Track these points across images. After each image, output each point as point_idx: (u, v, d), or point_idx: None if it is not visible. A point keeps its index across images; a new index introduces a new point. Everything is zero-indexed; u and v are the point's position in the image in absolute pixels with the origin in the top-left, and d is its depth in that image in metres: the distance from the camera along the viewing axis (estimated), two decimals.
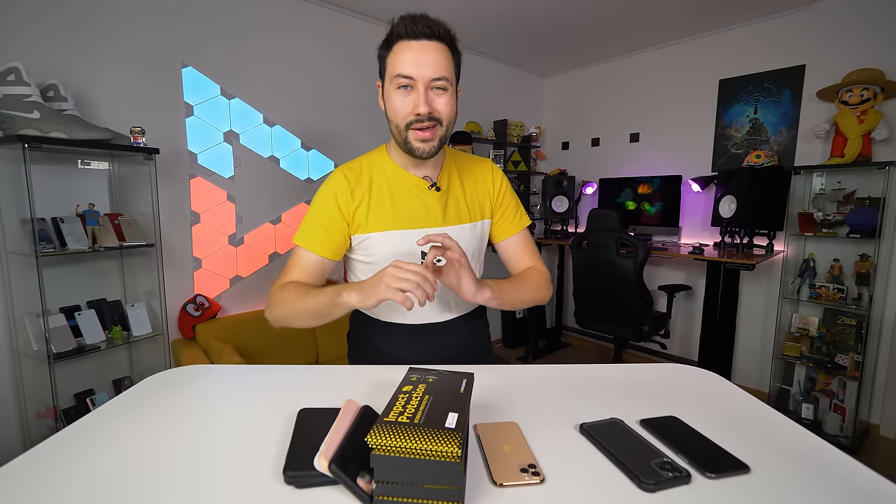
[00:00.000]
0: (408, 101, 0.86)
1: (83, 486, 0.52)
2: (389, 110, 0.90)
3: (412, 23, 0.84)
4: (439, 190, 0.98)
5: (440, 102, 0.87)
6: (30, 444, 1.91)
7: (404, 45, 0.85)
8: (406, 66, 0.84)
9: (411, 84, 0.85)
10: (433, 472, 0.47)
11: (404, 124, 0.88)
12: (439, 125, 0.89)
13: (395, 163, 0.98)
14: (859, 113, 2.40)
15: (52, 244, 1.76)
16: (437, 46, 0.85)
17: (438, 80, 0.85)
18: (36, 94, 1.70)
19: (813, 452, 0.61)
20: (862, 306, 2.47)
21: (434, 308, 1.00)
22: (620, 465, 0.56)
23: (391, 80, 0.87)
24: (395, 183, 0.97)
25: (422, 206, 0.97)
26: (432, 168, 0.99)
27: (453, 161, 1.04)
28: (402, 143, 0.90)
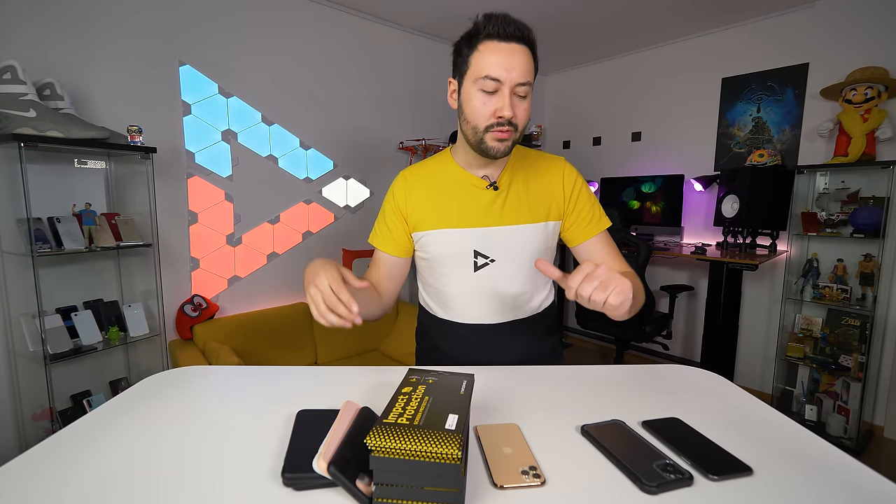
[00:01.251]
0: (490, 103, 0.85)
1: (80, 488, 0.51)
2: (469, 110, 0.88)
3: (504, 24, 0.82)
4: (497, 189, 0.97)
5: (521, 108, 0.87)
6: (26, 446, 1.90)
7: (493, 45, 0.83)
8: (495, 68, 0.82)
9: (497, 87, 0.84)
10: (433, 474, 0.46)
11: (484, 126, 0.86)
12: (515, 130, 0.88)
13: (457, 163, 0.99)
14: (863, 112, 2.38)
15: (49, 244, 1.75)
16: (524, 50, 0.84)
17: (523, 86, 0.85)
18: (32, 92, 1.69)
19: (816, 454, 0.60)
20: (866, 307, 2.45)
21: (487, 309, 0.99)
22: (622, 467, 0.55)
23: (476, 80, 0.85)
24: (453, 182, 0.98)
25: (476, 205, 0.96)
26: (494, 167, 0.98)
27: (520, 160, 1.01)
28: (476, 143, 0.89)
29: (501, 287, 0.98)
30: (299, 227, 2.70)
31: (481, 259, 0.96)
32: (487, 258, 0.96)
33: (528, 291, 1.01)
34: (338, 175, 2.84)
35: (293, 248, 2.69)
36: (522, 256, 0.97)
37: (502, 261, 0.97)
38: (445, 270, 0.99)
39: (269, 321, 2.45)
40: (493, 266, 0.97)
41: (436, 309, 1.04)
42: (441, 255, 0.98)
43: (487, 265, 0.97)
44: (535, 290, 1.02)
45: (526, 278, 0.99)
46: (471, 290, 0.98)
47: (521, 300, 1.00)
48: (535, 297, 1.03)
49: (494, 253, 0.96)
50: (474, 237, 0.96)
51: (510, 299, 0.99)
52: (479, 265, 0.97)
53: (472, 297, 0.98)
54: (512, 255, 0.97)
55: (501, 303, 0.99)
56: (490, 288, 0.97)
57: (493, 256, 0.96)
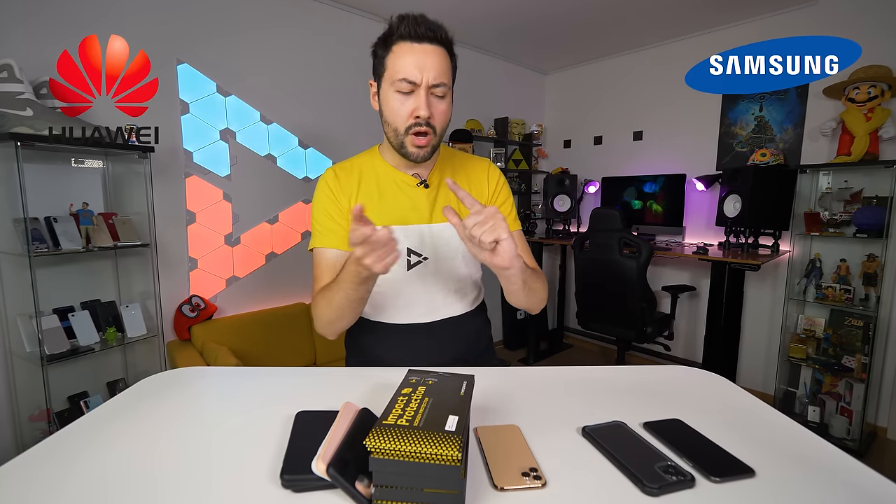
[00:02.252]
0: (407, 104, 0.85)
1: (77, 490, 0.51)
2: (388, 112, 0.88)
3: (415, 24, 0.82)
4: (428, 187, 0.97)
5: (439, 109, 0.86)
6: (22, 447, 1.88)
7: (406, 46, 0.83)
8: (408, 69, 0.82)
9: (412, 88, 0.84)
10: (433, 475, 0.46)
11: (404, 128, 0.87)
12: (433, 133, 0.87)
13: (386, 162, 0.98)
14: (866, 110, 2.38)
15: (46, 244, 1.75)
16: (438, 51, 0.84)
17: (439, 87, 0.85)
18: (29, 91, 1.68)
19: (819, 456, 0.60)
20: (869, 307, 2.44)
21: (420, 308, 0.98)
22: (623, 469, 0.55)
23: (392, 82, 0.85)
24: (384, 180, 0.97)
25: (410, 202, 0.96)
26: (424, 167, 0.98)
27: (448, 159, 1.03)
28: (397, 146, 0.90)
29: (434, 285, 0.97)
30: (298, 227, 2.69)
31: (414, 257, 0.95)
32: (420, 256, 0.96)
33: (461, 289, 1.01)
34: None
35: (292, 248, 2.68)
36: (455, 254, 0.98)
37: (435, 258, 0.96)
38: None
39: (268, 322, 2.44)
40: (427, 264, 0.96)
41: (367, 310, 0.99)
42: None
43: (420, 263, 0.96)
44: (466, 288, 1.03)
45: (458, 276, 1.00)
46: (403, 288, 0.96)
47: (452, 298, 1.00)
48: (467, 295, 1.03)
49: (427, 251, 0.96)
50: (407, 235, 0.94)
51: (442, 297, 0.99)
52: (412, 263, 0.95)
53: (405, 295, 0.97)
54: (444, 253, 0.97)
55: (434, 301, 0.98)
56: (423, 286, 0.97)
57: (426, 254, 0.96)
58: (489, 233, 0.70)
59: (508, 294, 0.90)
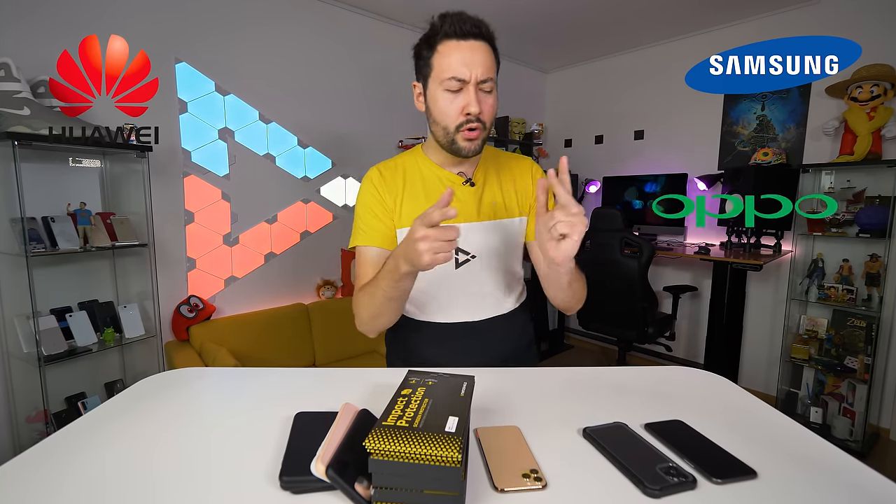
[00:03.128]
0: (457, 102, 0.86)
1: (75, 492, 0.51)
2: (437, 112, 0.89)
3: (460, 22, 0.83)
4: (473, 185, 0.97)
5: (487, 104, 0.87)
6: (20, 448, 1.87)
7: (452, 45, 0.84)
8: (457, 67, 0.83)
9: (461, 86, 0.85)
10: (433, 477, 0.46)
11: (454, 126, 0.87)
12: (483, 127, 0.88)
13: (430, 160, 0.99)
14: (869, 110, 2.37)
15: (43, 244, 1.74)
16: (483, 46, 0.85)
17: (486, 82, 0.85)
18: (26, 90, 1.68)
19: (821, 457, 0.60)
20: (872, 307, 2.43)
21: (466, 307, 0.97)
22: (624, 471, 0.55)
23: (441, 81, 0.86)
24: (429, 179, 0.97)
25: (456, 201, 0.96)
26: (469, 165, 0.98)
27: (492, 158, 1.03)
28: (447, 144, 0.90)
29: (482, 283, 0.97)
30: (297, 227, 2.68)
31: (462, 255, 0.95)
32: (469, 254, 0.96)
33: (506, 287, 1.01)
34: (336, 174, 2.81)
35: (291, 248, 2.67)
36: (501, 252, 0.98)
37: (483, 257, 0.96)
38: None
39: (267, 322, 2.43)
40: (473, 262, 0.96)
41: (411, 310, 1.00)
42: None
43: (469, 261, 0.96)
44: (512, 286, 1.03)
45: (505, 274, 1.00)
46: (452, 287, 0.96)
47: (499, 296, 1.00)
48: (512, 293, 1.03)
49: (475, 249, 0.96)
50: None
51: (490, 296, 0.99)
52: (460, 262, 0.96)
53: (453, 294, 0.97)
54: (492, 251, 0.97)
55: (482, 299, 0.98)
56: (471, 285, 0.97)
57: (474, 252, 0.96)
58: (568, 227, 0.71)
59: (549, 289, 0.93)
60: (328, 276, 2.83)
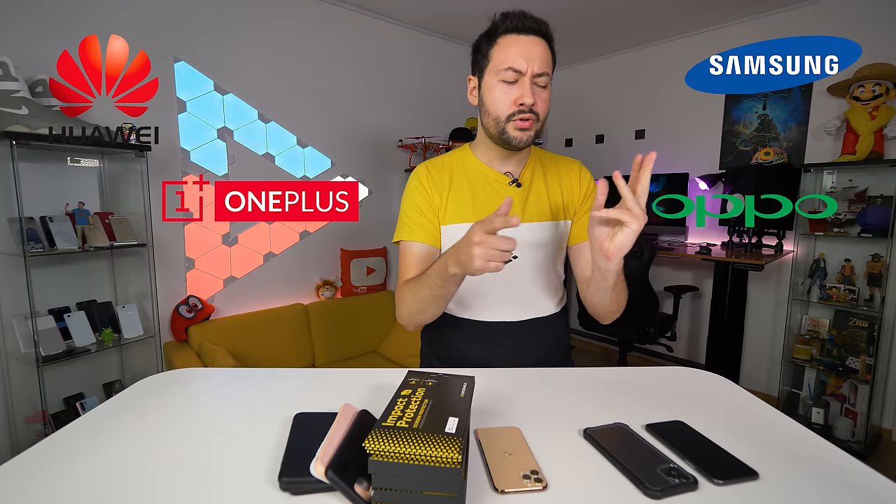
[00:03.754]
0: (511, 92, 0.87)
1: (73, 492, 0.50)
2: (490, 102, 0.90)
3: (522, 18, 0.87)
4: (520, 185, 0.98)
5: (541, 98, 0.89)
6: (17, 449, 1.86)
7: (513, 39, 0.87)
8: (515, 59, 0.86)
9: (517, 77, 0.87)
10: (433, 478, 0.46)
11: (506, 115, 0.89)
12: (536, 120, 0.90)
13: (478, 159, 1.00)
14: (871, 109, 2.35)
15: (41, 244, 1.74)
16: (543, 43, 0.88)
17: (542, 77, 0.87)
18: (24, 89, 1.68)
19: (823, 458, 0.59)
20: (874, 308, 2.42)
21: (506, 307, 0.97)
22: (625, 471, 0.55)
23: (497, 72, 0.88)
24: (475, 177, 0.98)
25: (500, 200, 0.95)
26: (515, 164, 0.99)
27: (538, 159, 1.03)
28: (497, 134, 0.91)
29: (524, 284, 0.98)
30: (296, 227, 2.67)
31: None
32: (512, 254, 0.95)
33: (547, 290, 1.01)
34: (336, 173, 2.80)
35: (290, 248, 2.66)
36: (544, 254, 0.98)
37: (526, 257, 0.96)
38: None
39: (266, 322, 2.43)
40: (516, 263, 0.95)
41: (451, 306, 1.00)
42: None
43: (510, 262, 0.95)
44: (554, 289, 1.03)
45: (547, 276, 1.00)
46: (494, 286, 0.97)
47: (541, 298, 1.00)
48: (554, 296, 1.03)
49: (518, 249, 0.94)
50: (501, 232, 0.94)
51: (531, 297, 0.99)
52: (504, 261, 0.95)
53: (495, 293, 0.97)
54: (535, 253, 0.97)
55: (523, 300, 0.99)
56: (513, 285, 0.97)
57: (516, 252, 0.95)
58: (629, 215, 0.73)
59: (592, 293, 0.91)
60: (327, 276, 2.82)
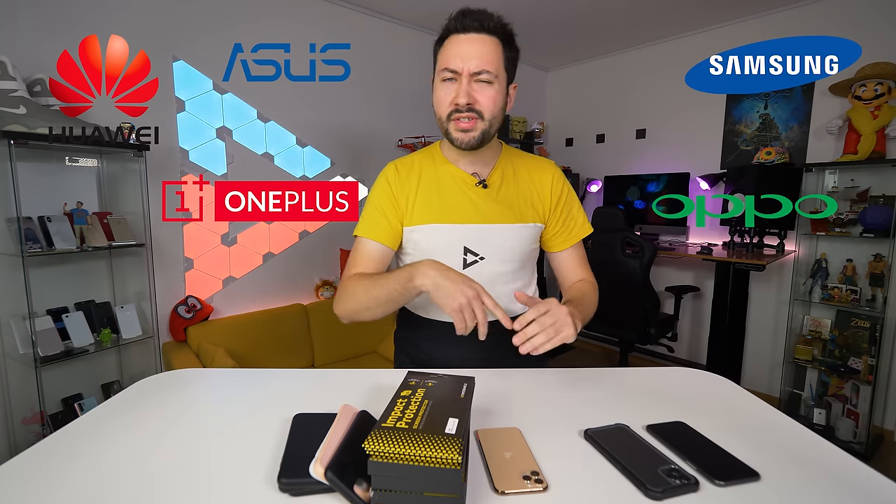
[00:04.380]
0: (449, 92, 0.88)
1: (71, 494, 0.51)
2: (434, 102, 0.92)
3: (462, 17, 0.86)
4: (486, 187, 0.97)
5: (482, 96, 0.87)
6: (15, 450, 1.86)
7: (454, 38, 0.87)
8: (451, 59, 0.86)
9: (455, 77, 0.87)
10: (433, 479, 0.46)
11: (445, 115, 0.89)
12: (480, 119, 0.88)
13: (445, 158, 1.00)
14: (873, 108, 2.35)
15: (39, 244, 1.73)
16: (485, 39, 0.86)
17: (481, 73, 0.86)
18: (22, 88, 1.67)
19: (825, 459, 0.60)
20: (876, 308, 2.41)
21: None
22: (626, 473, 0.55)
23: (438, 73, 0.90)
24: (443, 177, 0.98)
25: (468, 201, 0.96)
26: (483, 164, 0.98)
27: (510, 159, 1.02)
28: (444, 134, 0.93)
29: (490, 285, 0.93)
30: (296, 227, 2.67)
31: (471, 256, 0.95)
32: (477, 256, 0.96)
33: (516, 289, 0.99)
34: (335, 173, 2.80)
35: (289, 248, 2.65)
36: (512, 255, 0.98)
37: (492, 259, 0.96)
38: None
39: (265, 323, 2.42)
40: (483, 264, 0.96)
41: (419, 308, 1.01)
42: (430, 251, 0.95)
43: (477, 263, 0.96)
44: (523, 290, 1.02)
45: (514, 277, 1.00)
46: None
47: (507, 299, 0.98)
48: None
49: (484, 251, 0.96)
50: (465, 233, 0.95)
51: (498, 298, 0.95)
52: (468, 262, 0.96)
53: None
54: (502, 254, 0.97)
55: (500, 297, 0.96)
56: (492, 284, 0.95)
57: (482, 254, 0.95)
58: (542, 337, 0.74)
59: None
60: (327, 276, 2.81)
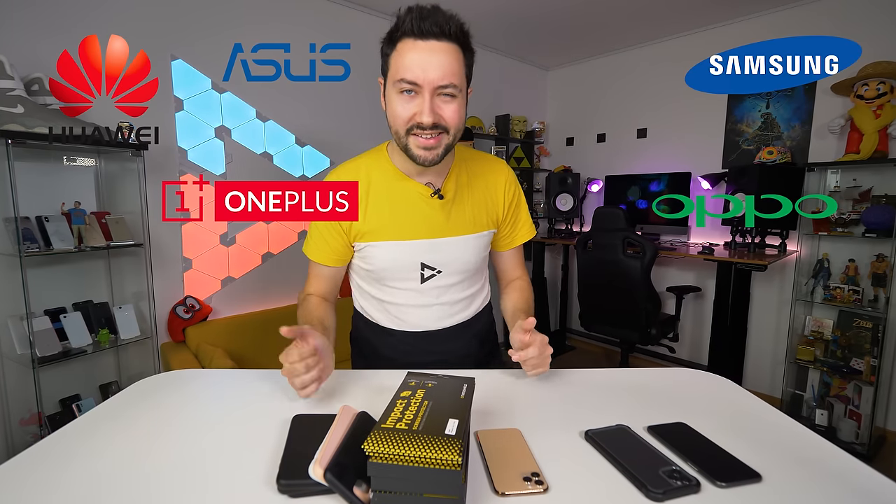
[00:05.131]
0: (410, 107, 0.79)
1: (69, 495, 0.51)
2: (390, 114, 0.83)
3: (420, 20, 0.75)
4: (442, 198, 0.92)
5: (448, 111, 0.80)
6: (13, 451, 1.85)
7: (410, 44, 0.76)
8: (411, 69, 0.76)
9: (415, 90, 0.78)
10: (432, 480, 0.46)
11: (404, 131, 0.81)
12: (445, 134, 0.81)
13: (395, 167, 0.92)
14: (875, 107, 2.35)
15: (37, 244, 1.72)
16: (447, 48, 0.77)
17: (446, 87, 0.77)
18: (20, 87, 1.67)
19: (827, 460, 0.60)
20: (878, 308, 2.41)
21: (433, 316, 0.98)
22: (627, 474, 0.55)
23: (394, 82, 0.79)
24: (394, 189, 0.91)
25: (422, 215, 0.92)
26: (436, 174, 0.92)
27: (463, 164, 0.96)
28: (402, 149, 0.84)
29: (447, 295, 0.97)
30: (295, 227, 2.66)
31: (428, 271, 0.95)
32: (434, 270, 0.95)
33: (472, 296, 1.02)
34: None
35: (288, 248, 2.64)
36: (467, 266, 0.97)
37: (449, 271, 0.96)
38: (390, 283, 0.96)
39: (264, 323, 2.41)
40: (440, 277, 0.96)
41: (377, 317, 1.01)
42: (386, 269, 0.94)
43: (434, 276, 0.95)
44: (476, 294, 1.04)
45: (469, 284, 1.00)
46: (416, 301, 0.96)
47: (462, 306, 1.01)
48: (476, 299, 1.04)
49: (441, 264, 0.95)
50: (422, 249, 0.93)
51: (453, 306, 0.99)
52: (425, 277, 0.95)
53: (418, 307, 0.97)
54: (458, 265, 0.96)
55: (446, 310, 0.99)
56: (436, 298, 0.97)
57: (439, 268, 0.95)
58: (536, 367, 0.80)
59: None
60: None
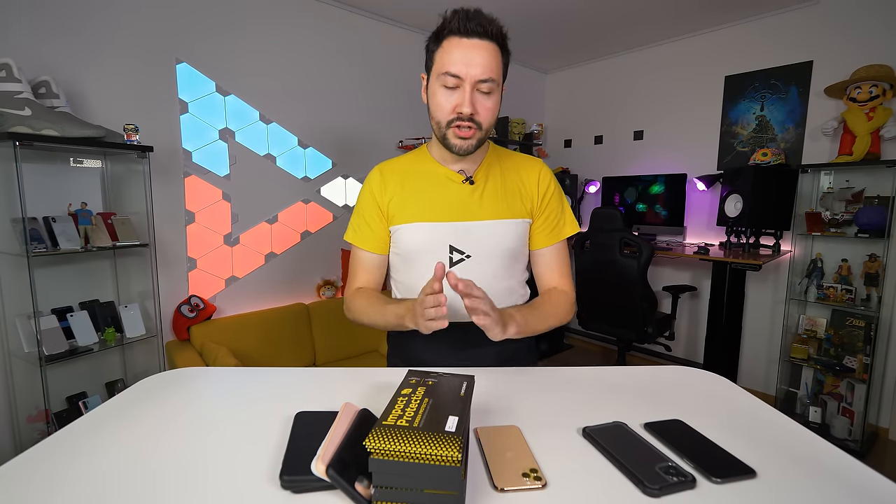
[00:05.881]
0: (452, 99, 0.86)
1: (75, 491, 0.51)
2: (433, 106, 0.90)
3: (466, 20, 0.83)
4: (472, 184, 0.96)
5: (484, 106, 0.87)
6: (20, 448, 1.87)
7: (455, 41, 0.84)
8: (455, 64, 0.83)
9: (458, 83, 0.85)
10: (433, 476, 0.46)
11: (445, 122, 0.88)
12: (479, 129, 0.88)
13: (433, 158, 0.99)
14: (868, 110, 2.36)
15: (44, 244, 1.74)
16: (488, 46, 0.84)
17: (485, 83, 0.85)
18: (27, 90, 1.67)
19: (820, 457, 0.60)
20: (870, 307, 2.43)
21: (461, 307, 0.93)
22: (624, 470, 0.55)
23: (438, 76, 0.86)
24: (429, 176, 0.98)
25: (454, 198, 0.95)
26: (470, 163, 0.97)
27: (497, 157, 1.01)
28: (440, 138, 0.91)
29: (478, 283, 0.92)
30: (298, 227, 2.68)
31: (457, 255, 0.94)
32: (463, 254, 0.94)
33: (506, 289, 0.98)
34: (336, 174, 2.81)
35: (291, 248, 2.67)
36: (499, 253, 0.95)
37: (478, 257, 0.94)
38: (419, 265, 0.96)
39: (267, 322, 2.43)
40: (469, 262, 0.94)
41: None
42: (414, 250, 0.95)
43: (463, 261, 0.94)
44: (512, 288, 0.99)
45: (502, 275, 0.97)
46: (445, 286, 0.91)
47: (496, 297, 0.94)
48: (512, 295, 0.99)
49: (470, 248, 0.94)
50: (450, 231, 0.94)
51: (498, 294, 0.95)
52: (454, 261, 0.94)
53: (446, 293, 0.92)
54: (488, 252, 0.95)
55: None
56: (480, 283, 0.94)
57: (468, 252, 0.94)
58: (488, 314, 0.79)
59: None
60: (328, 275, 2.83)
